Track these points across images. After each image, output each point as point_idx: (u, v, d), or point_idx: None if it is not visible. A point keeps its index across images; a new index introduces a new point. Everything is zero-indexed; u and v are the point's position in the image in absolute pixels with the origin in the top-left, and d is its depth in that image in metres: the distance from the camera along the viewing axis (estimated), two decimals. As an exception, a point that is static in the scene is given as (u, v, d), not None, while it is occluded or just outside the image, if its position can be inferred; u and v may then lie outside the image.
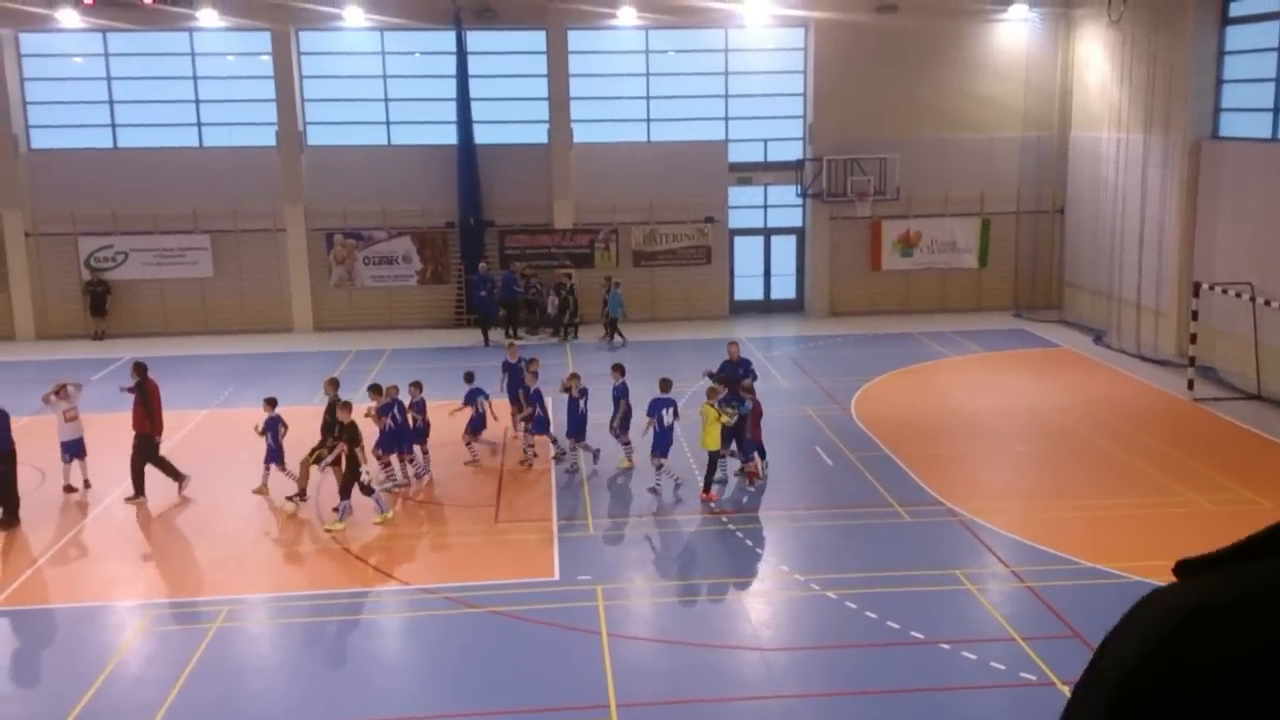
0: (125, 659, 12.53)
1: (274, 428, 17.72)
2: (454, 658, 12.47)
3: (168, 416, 21.90)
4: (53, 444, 18.10)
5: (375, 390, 18.09)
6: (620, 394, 18.76)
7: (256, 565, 15.35)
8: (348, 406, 16.69)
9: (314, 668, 12.44)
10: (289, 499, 17.08)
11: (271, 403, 17.97)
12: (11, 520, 16.51)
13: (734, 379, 18.44)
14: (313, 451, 17.19)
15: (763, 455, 18.19)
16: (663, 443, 17.37)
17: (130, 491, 17.63)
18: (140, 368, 18.15)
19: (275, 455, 17.71)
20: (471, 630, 13.06)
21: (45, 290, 30.85)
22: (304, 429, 18.03)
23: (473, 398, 19.01)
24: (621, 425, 18.70)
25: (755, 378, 18.88)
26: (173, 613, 13.78)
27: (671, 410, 17.44)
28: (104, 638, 13.21)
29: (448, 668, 12.28)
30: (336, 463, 17.25)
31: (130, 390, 17.95)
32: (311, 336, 30.65)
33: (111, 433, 18.88)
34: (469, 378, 19.41)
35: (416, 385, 18.58)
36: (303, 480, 17.22)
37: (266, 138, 30.78)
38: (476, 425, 19.08)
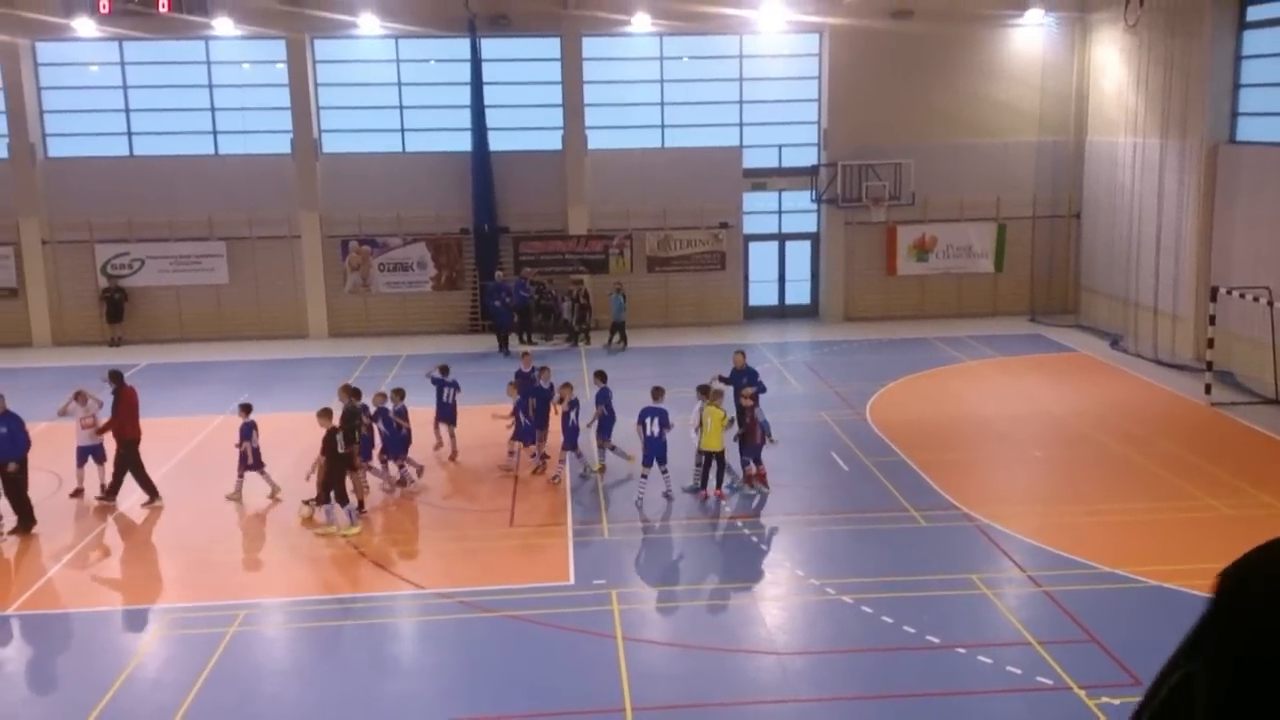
0: (142, 663, 12.57)
1: (248, 434, 17.84)
2: (469, 662, 12.47)
3: (184, 422, 22.05)
4: (69, 449, 18.19)
5: (355, 394, 18.05)
6: (599, 399, 18.82)
7: (272, 569, 15.39)
8: (328, 414, 16.72)
9: (330, 672, 12.45)
10: (305, 503, 17.11)
11: (246, 409, 18.10)
12: (26, 525, 16.56)
13: (738, 387, 18.41)
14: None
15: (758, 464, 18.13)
16: (651, 451, 17.26)
17: (145, 498, 17.72)
18: (116, 376, 18.21)
19: (243, 460, 17.90)
20: (487, 634, 13.06)
21: (62, 297, 31.02)
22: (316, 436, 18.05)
23: (439, 388, 19.83)
24: (603, 431, 18.75)
25: (764, 389, 18.76)
26: (189, 617, 13.80)
27: (657, 420, 17.21)
28: (121, 642, 13.27)
29: (463, 672, 12.28)
30: (353, 468, 17.34)
31: (113, 389, 17.97)
32: (327, 343, 30.73)
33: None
34: (444, 370, 20.14)
35: (398, 392, 18.61)
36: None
37: (282, 145, 30.91)
38: (445, 415, 19.84)
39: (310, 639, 13.30)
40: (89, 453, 18.04)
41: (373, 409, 18.04)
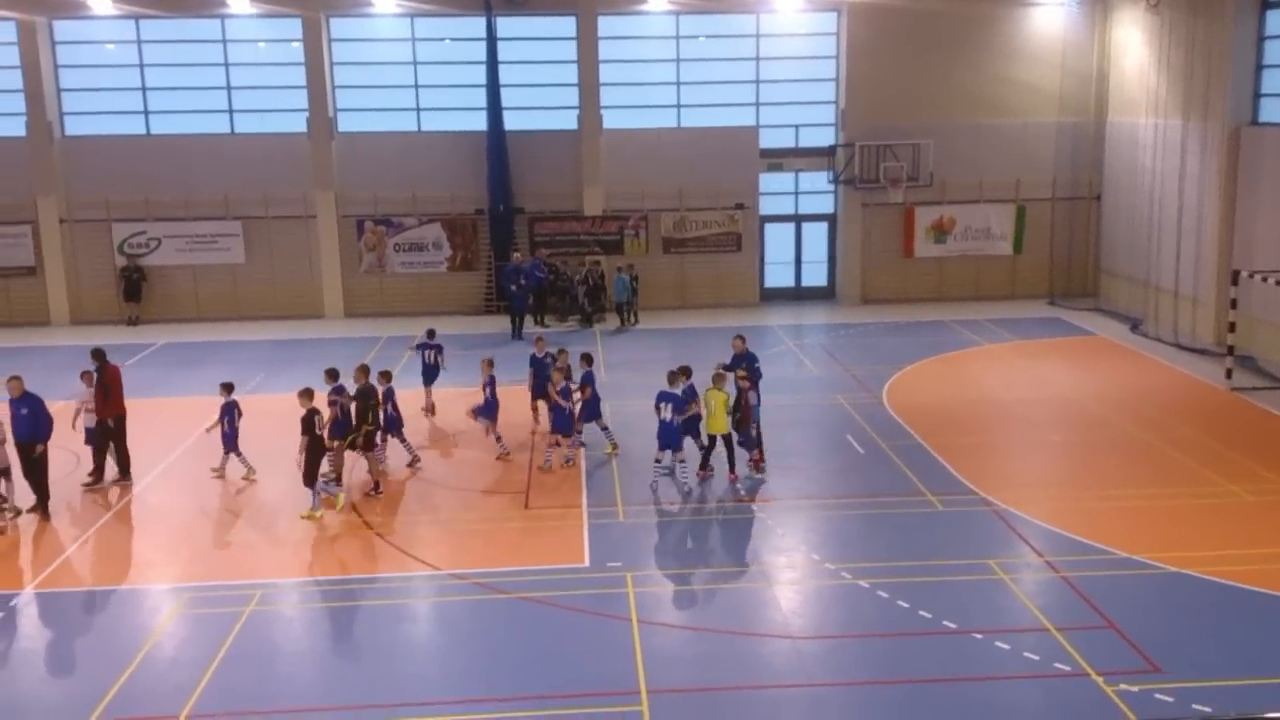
0: (160, 642, 12.61)
1: (230, 413, 17.85)
2: (484, 643, 12.47)
3: (200, 402, 22.09)
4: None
5: (332, 375, 17.89)
6: (584, 382, 18.78)
7: (288, 549, 15.41)
8: (309, 394, 16.63)
9: (346, 652, 12.48)
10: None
11: (228, 388, 18.11)
12: (45, 508, 16.58)
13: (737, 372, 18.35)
14: (346, 436, 17.28)
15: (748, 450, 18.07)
16: (662, 436, 17.19)
17: (132, 477, 17.93)
18: (99, 354, 18.22)
19: (231, 440, 17.90)
20: (502, 616, 13.07)
21: (79, 275, 31.13)
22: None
23: (420, 349, 21.48)
24: (590, 412, 18.73)
25: (760, 376, 18.67)
26: (206, 596, 13.84)
27: (670, 405, 17.10)
28: (138, 621, 13.30)
29: (478, 653, 12.28)
30: (368, 446, 17.36)
31: (96, 367, 17.97)
32: (342, 322, 30.79)
33: (142, 418, 19.03)
34: (430, 334, 21.72)
35: (385, 374, 18.44)
36: (337, 465, 17.30)
37: (297, 124, 30.88)
38: (430, 377, 21.29)
39: (326, 619, 13.33)
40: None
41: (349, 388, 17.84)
